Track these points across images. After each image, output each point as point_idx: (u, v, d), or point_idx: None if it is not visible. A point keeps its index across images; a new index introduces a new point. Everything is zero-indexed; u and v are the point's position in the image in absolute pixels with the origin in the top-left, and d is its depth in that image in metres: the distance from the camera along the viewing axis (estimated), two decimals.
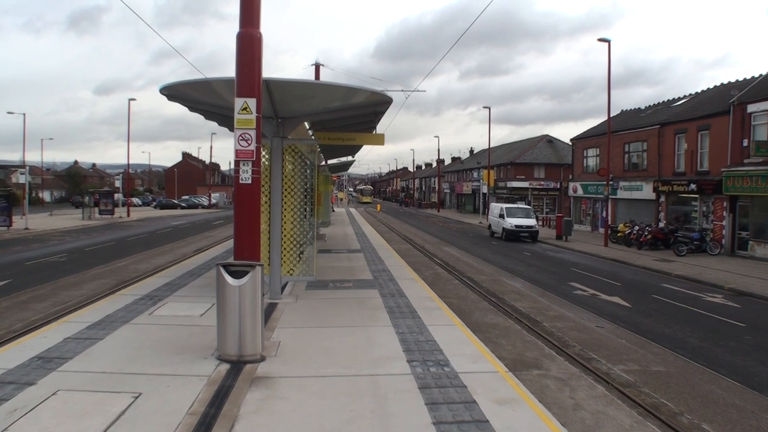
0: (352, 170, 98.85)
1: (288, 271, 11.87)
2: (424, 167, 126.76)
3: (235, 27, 8.15)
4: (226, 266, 7.46)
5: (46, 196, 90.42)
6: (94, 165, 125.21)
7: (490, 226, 37.13)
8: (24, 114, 51.99)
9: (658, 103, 38.02)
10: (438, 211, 76.47)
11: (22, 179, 37.92)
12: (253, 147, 8.12)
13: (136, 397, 6.08)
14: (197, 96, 11.41)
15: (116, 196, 54.05)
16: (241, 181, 8.19)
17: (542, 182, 58.74)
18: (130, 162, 52.48)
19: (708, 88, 33.11)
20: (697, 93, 33.92)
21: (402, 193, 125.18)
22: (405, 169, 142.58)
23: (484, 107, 59.02)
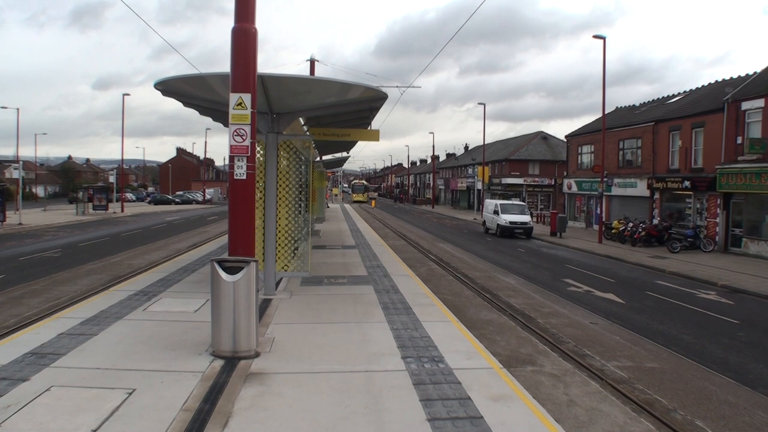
0: (346, 166, 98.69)
1: (282, 267, 11.86)
2: (419, 163, 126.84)
3: None
4: (220, 262, 7.44)
5: (39, 191, 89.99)
6: (87, 160, 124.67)
7: (484, 222, 37.16)
8: (18, 109, 51.67)
9: (653, 100, 38.12)
10: (432, 207, 76.46)
11: (15, 174, 37.62)
12: (247, 142, 8.09)
13: (130, 393, 6.06)
14: (192, 91, 11.35)
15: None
16: (235, 177, 8.15)
17: (537, 179, 58.87)
18: (125, 157, 52.32)
19: (703, 86, 33.19)
20: (691, 90, 34.00)
21: (396, 190, 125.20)
22: (400, 165, 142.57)
23: (479, 104, 59.07)
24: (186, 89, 11.24)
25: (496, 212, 34.18)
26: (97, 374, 6.69)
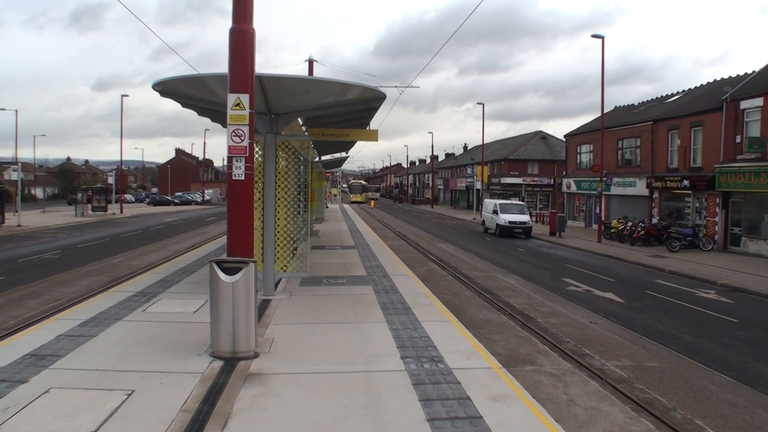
0: (345, 166, 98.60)
1: (281, 268, 11.85)
2: (418, 163, 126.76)
3: None
4: (219, 263, 7.43)
5: (38, 192, 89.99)
6: (86, 161, 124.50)
7: (483, 222, 37.16)
8: (16, 110, 51.65)
9: (652, 99, 38.11)
10: (432, 207, 76.49)
11: (14, 176, 37.68)
12: (246, 143, 8.07)
13: (129, 395, 6.05)
14: (190, 92, 11.35)
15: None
16: (234, 178, 8.14)
17: (536, 178, 58.91)
18: (124, 158, 52.22)
19: (701, 85, 33.22)
20: (690, 89, 34.01)
21: (396, 190, 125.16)
22: (399, 165, 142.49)
23: (478, 103, 59.10)
24: (184, 90, 11.23)
25: (495, 212, 34.19)
26: (97, 375, 6.68)
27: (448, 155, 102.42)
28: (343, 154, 36.63)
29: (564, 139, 46.22)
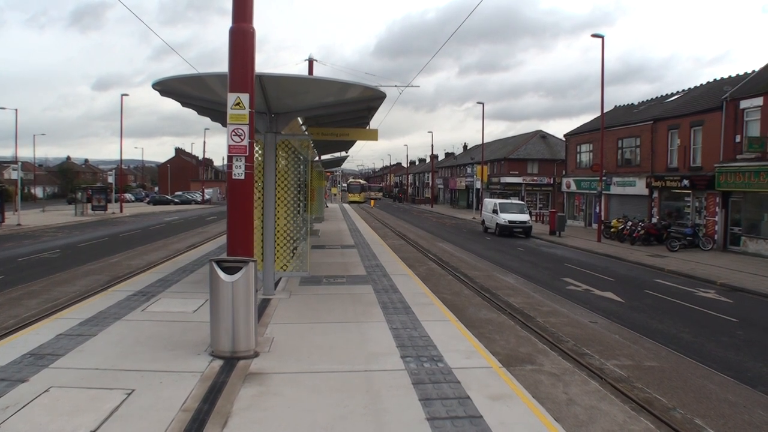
0: (345, 166, 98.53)
1: (281, 267, 11.84)
2: (417, 163, 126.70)
3: None
4: (219, 262, 7.43)
5: (38, 192, 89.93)
6: (86, 161, 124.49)
7: (483, 221, 37.16)
8: (16, 110, 51.64)
9: (652, 98, 38.11)
10: (432, 206, 76.48)
11: (14, 175, 37.70)
12: (246, 142, 8.07)
13: (129, 394, 6.05)
14: (190, 91, 11.34)
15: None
16: (234, 177, 8.14)
17: (536, 178, 58.89)
18: (124, 158, 52.16)
19: (701, 84, 33.21)
20: (690, 89, 34.00)
21: (395, 189, 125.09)
22: (399, 164, 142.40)
23: (478, 103, 59.11)
24: (184, 89, 11.23)
25: (495, 211, 34.19)
26: (96, 375, 6.68)
27: (447, 155, 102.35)
28: (343, 154, 36.65)
29: (564, 139, 46.22)
